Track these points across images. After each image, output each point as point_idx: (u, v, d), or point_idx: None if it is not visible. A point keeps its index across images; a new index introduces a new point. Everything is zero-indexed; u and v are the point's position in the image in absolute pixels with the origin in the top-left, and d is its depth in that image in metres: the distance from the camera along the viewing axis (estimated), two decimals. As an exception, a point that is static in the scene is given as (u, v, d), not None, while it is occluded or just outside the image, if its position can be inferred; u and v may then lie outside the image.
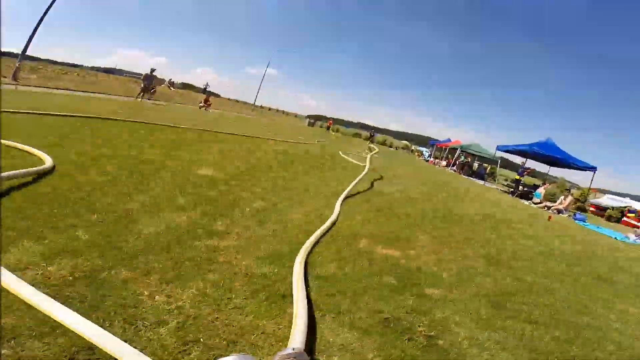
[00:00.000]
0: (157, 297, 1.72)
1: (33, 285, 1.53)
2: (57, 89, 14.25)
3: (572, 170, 17.62)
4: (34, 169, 2.94)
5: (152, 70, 17.70)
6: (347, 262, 2.65)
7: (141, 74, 17.93)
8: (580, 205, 17.36)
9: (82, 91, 15.64)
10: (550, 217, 9.53)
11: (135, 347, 1.31)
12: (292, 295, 1.91)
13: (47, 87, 14.00)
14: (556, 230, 7.19)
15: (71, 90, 14.86)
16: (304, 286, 1.95)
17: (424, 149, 38.42)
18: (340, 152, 11.84)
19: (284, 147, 9.54)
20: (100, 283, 1.73)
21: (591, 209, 18.38)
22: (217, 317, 1.67)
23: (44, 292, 1.50)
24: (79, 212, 2.47)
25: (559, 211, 13.06)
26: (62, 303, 1.47)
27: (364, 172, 7.07)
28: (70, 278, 1.72)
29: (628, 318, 2.89)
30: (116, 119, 7.14)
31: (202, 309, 1.70)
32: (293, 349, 1.26)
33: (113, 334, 1.35)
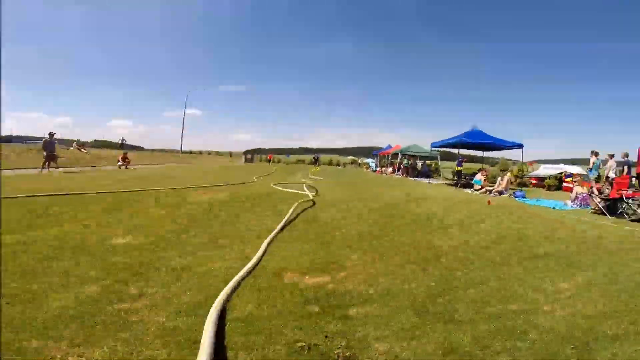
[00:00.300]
0: (69, 358, 1.87)
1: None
2: None
3: (509, 150, 19.34)
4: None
5: (51, 134, 16.58)
6: (268, 299, 2.80)
7: (48, 136, 16.59)
8: (521, 181, 18.99)
9: None
10: (489, 202, 10.27)
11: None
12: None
13: None
14: (492, 216, 7.78)
15: None
16: (211, 331, 2.08)
17: (369, 160, 39.90)
18: (278, 186, 11.96)
19: (214, 194, 9.41)
20: (12, 354, 1.88)
21: (533, 181, 20.04)
22: None
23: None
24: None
25: (500, 192, 14.12)
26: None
27: (294, 206, 7.19)
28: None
29: (558, 296, 3.13)
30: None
31: None
32: None
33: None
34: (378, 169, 31.99)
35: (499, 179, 14.80)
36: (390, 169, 28.39)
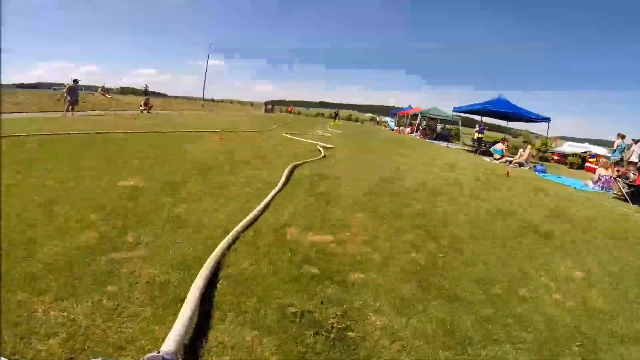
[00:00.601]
0: (51, 312, 1.73)
1: None
2: None
3: (535, 124, 18.32)
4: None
5: (75, 81, 16.69)
6: (265, 255, 2.61)
7: (73, 82, 16.68)
8: (543, 156, 18.16)
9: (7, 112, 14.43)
10: (508, 173, 9.82)
11: (25, 359, 1.43)
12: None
13: None
14: (508, 187, 7.40)
15: None
16: (199, 287, 1.92)
17: (388, 119, 38.83)
18: (295, 137, 11.66)
19: (228, 141, 9.21)
20: None
21: (555, 157, 19.18)
22: (110, 326, 1.68)
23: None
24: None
25: (520, 164, 13.57)
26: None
27: (305, 160, 6.94)
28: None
29: (569, 286, 2.81)
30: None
31: (95, 320, 1.71)
32: (158, 352, 1.30)
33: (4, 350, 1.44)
34: (396, 128, 31.17)
35: (521, 150, 14.14)
36: (408, 129, 27.64)
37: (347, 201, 4.37)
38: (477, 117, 19.87)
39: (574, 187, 9.30)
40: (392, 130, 31.24)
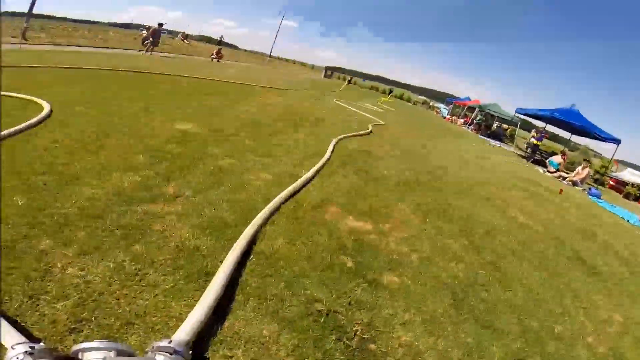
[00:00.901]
0: (69, 269, 1.56)
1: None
2: (68, 45, 13.84)
3: (597, 141, 16.53)
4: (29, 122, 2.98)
5: (160, 24, 17.63)
6: (302, 235, 2.39)
7: (158, 25, 17.53)
8: (599, 178, 16.55)
9: (92, 47, 15.15)
10: (561, 191, 9.03)
11: (25, 323, 1.25)
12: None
13: (55, 44, 13.50)
14: (561, 207, 6.76)
15: (80, 46, 14.43)
16: (227, 268, 1.71)
17: (442, 106, 36.80)
18: (347, 106, 11.25)
19: (286, 100, 9.01)
20: (15, 254, 1.58)
21: (610, 182, 17.48)
22: (125, 294, 1.51)
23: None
24: (29, 171, 2.29)
25: (574, 183, 12.46)
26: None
27: (363, 131, 6.62)
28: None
29: (605, 330, 2.54)
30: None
31: (112, 285, 1.54)
32: (170, 342, 1.09)
33: (8, 308, 1.28)
34: (448, 116, 29.48)
35: (579, 168, 12.83)
36: (461, 121, 26.09)
37: (391, 186, 4.08)
38: (538, 122, 18.19)
39: (628, 221, 8.40)
40: (444, 118, 29.61)
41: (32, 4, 15.18)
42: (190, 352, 1.19)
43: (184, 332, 1.25)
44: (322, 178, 3.67)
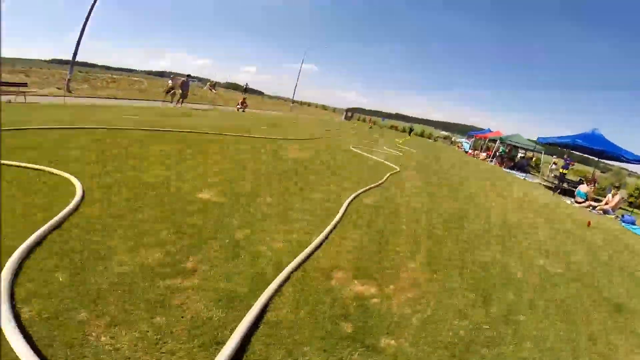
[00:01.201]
0: (102, 338, 1.88)
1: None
2: (107, 98, 15.56)
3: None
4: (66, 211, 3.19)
5: (189, 76, 18.53)
6: (306, 304, 2.59)
7: (186, 77, 18.58)
8: (635, 202, 15.56)
9: (128, 99, 16.78)
10: (589, 223, 8.65)
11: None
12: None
13: (97, 97, 15.24)
14: (588, 242, 6.52)
15: (117, 99, 16.08)
16: (235, 340, 1.96)
17: (463, 140, 36.53)
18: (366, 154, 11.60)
19: (308, 153, 9.47)
20: (58, 324, 1.93)
21: (654, 205, 16.36)
22: (147, 358, 1.80)
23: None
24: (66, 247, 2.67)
25: (605, 211, 11.86)
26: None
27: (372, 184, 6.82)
28: (37, 319, 1.93)
29: None
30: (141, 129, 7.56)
31: (137, 352, 1.83)
32: None
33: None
34: (470, 151, 29.13)
35: (609, 195, 12.24)
36: (484, 154, 25.70)
37: (404, 243, 4.20)
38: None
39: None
40: (466, 152, 29.29)
41: (74, 56, 17.06)
42: None
43: None
44: (333, 241, 3.85)
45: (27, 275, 2.24)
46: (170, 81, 18.73)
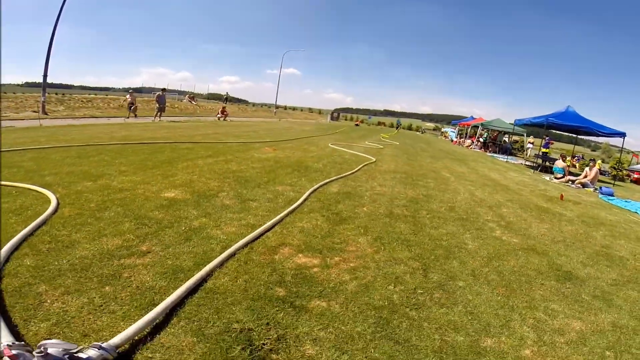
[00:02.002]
0: (55, 304, 2.18)
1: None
2: (84, 117, 15.67)
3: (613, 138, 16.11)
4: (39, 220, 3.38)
5: (164, 90, 19.17)
6: (246, 273, 2.84)
7: (161, 91, 19.00)
8: (618, 174, 15.94)
9: (106, 117, 16.96)
10: (562, 196, 8.96)
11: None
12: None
13: (74, 118, 15.35)
14: (558, 215, 6.77)
15: (95, 117, 16.28)
16: (171, 298, 2.26)
17: (449, 130, 37.06)
18: (343, 147, 11.83)
19: (282, 151, 9.71)
20: (20, 294, 2.24)
21: (635, 176, 16.77)
22: (89, 318, 2.08)
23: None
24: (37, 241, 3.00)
25: (584, 185, 12.23)
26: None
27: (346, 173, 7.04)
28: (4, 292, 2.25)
29: (554, 341, 2.48)
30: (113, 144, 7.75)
31: (82, 312, 2.12)
32: (103, 343, 1.72)
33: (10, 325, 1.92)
34: (456, 139, 29.58)
35: (586, 169, 12.65)
36: (468, 141, 26.13)
37: (359, 224, 4.43)
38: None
39: (643, 213, 8.18)
40: (452, 141, 29.74)
41: (45, 78, 17.24)
42: (117, 352, 1.77)
43: (118, 338, 1.83)
44: (288, 223, 4.12)
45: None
46: (128, 96, 19.02)
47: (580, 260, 4.26)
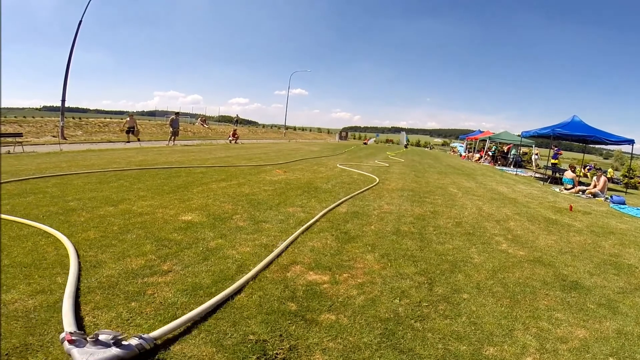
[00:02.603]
0: (86, 318, 2.42)
1: None
2: (102, 142, 16.42)
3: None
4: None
5: (177, 114, 19.69)
6: (261, 290, 3.04)
7: (175, 115, 19.59)
8: (630, 182, 15.70)
9: (122, 141, 17.67)
10: (570, 207, 8.92)
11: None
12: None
13: (92, 142, 16.08)
14: (567, 226, 6.75)
15: (112, 142, 16.97)
16: (194, 313, 2.48)
17: (458, 144, 37.06)
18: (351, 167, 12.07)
19: (293, 175, 9.98)
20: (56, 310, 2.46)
21: (650, 183, 16.42)
22: (118, 330, 2.25)
23: None
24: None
25: (594, 195, 12.11)
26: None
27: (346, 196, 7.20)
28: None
29: (556, 348, 2.53)
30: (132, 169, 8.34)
31: (111, 325, 2.34)
32: (143, 335, 2.11)
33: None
34: (464, 154, 29.54)
35: (594, 178, 12.54)
36: (477, 155, 26.07)
37: (367, 242, 4.58)
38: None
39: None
40: (461, 156, 29.70)
41: (63, 103, 17.90)
42: (154, 344, 2.09)
43: (157, 332, 2.19)
44: (300, 243, 4.30)
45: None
46: (128, 119, 18.91)
47: (587, 270, 4.27)
